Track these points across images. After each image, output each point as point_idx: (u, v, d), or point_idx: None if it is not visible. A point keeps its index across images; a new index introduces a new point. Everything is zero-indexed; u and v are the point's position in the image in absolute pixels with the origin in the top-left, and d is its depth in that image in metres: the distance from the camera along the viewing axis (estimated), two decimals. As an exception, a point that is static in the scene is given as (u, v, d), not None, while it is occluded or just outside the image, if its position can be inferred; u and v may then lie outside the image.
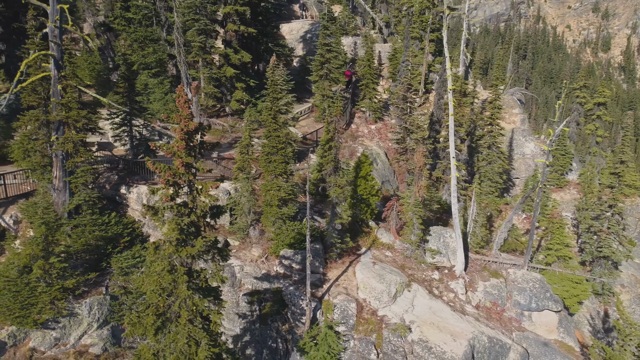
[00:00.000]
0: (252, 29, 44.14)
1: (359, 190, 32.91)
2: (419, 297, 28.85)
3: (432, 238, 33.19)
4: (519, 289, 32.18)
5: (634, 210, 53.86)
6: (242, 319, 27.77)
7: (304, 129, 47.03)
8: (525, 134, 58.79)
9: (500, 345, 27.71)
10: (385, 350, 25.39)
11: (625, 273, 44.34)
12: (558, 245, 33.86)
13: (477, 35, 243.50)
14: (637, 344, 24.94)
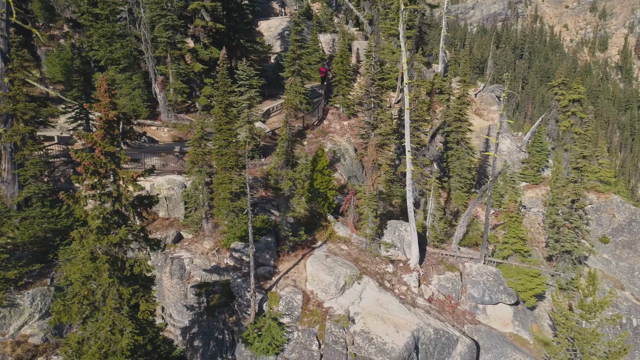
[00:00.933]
0: (221, 25, 44.33)
1: (316, 184, 33.01)
2: (368, 289, 28.95)
3: (387, 232, 33.31)
4: (473, 283, 32.29)
5: (607, 207, 53.85)
6: (190, 310, 27.92)
7: (274, 125, 47.25)
8: (501, 130, 58.80)
9: (446, 337, 27.79)
10: (326, 341, 25.51)
11: (593, 268, 44.34)
12: (513, 239, 33.91)
13: (474, 35, 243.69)
14: (570, 337, 25.00)
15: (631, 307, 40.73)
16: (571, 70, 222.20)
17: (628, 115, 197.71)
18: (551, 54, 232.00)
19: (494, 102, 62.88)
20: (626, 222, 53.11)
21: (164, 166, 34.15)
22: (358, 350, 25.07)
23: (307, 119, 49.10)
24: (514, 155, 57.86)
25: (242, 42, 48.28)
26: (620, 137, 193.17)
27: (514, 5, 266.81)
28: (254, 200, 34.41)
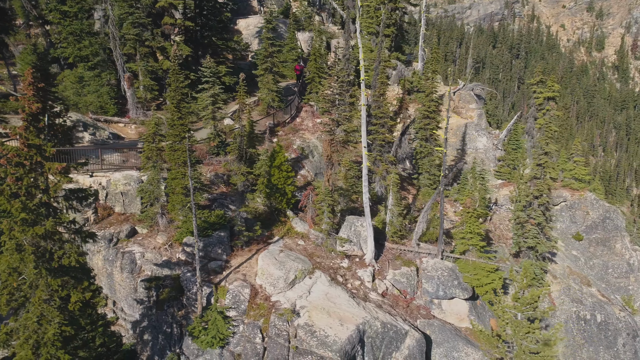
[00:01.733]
0: (190, 23, 44.59)
1: (274, 180, 33.21)
2: (319, 283, 29.13)
3: (344, 227, 33.50)
4: (427, 278, 32.47)
5: (582, 204, 53.95)
6: (140, 304, 28.14)
7: (246, 122, 47.25)
8: (478, 128, 59.02)
9: (394, 331, 27.95)
10: (270, 334, 25.70)
11: (561, 265, 44.55)
12: (470, 234, 34.03)
13: (471, 35, 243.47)
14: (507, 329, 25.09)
15: (596, 303, 40.90)
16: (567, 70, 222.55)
17: (624, 115, 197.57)
18: (548, 54, 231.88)
19: (473, 100, 63.00)
20: (600, 220, 53.23)
21: (124, 162, 34.36)
22: (300, 343, 25.25)
23: (279, 116, 49.28)
24: (490, 152, 58.00)
25: (214, 40, 48.43)
26: (616, 136, 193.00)
27: (511, 5, 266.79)
28: (213, 196, 34.65)
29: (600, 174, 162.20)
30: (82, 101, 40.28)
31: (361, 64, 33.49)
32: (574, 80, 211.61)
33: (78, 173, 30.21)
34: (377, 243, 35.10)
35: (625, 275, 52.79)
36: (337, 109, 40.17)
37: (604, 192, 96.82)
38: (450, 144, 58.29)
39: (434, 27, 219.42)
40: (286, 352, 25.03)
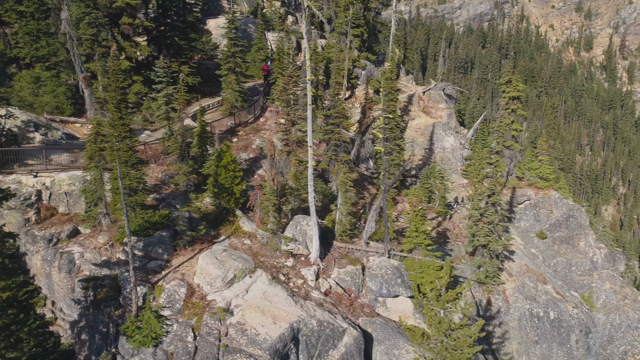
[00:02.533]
0: (148, 23, 44.68)
1: (220, 180, 33.34)
2: (259, 282, 29.28)
3: (290, 226, 33.67)
4: (371, 276, 32.67)
5: (545, 203, 54.27)
6: (77, 304, 28.23)
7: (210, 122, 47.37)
8: (445, 128, 59.25)
9: (331, 329, 28.12)
10: (201, 333, 25.84)
11: (518, 263, 44.81)
12: (415, 232, 34.17)
13: (460, 35, 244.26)
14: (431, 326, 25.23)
15: (549, 300, 41.18)
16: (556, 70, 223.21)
17: (611, 115, 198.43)
18: (536, 54, 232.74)
19: (442, 100, 63.25)
20: (564, 218, 53.59)
21: (72, 162, 34.43)
22: (230, 341, 25.39)
23: (242, 116, 49.44)
24: (457, 152, 58.23)
25: (177, 40, 48.51)
26: (603, 136, 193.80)
27: (501, 6, 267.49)
28: (162, 195, 34.78)
29: (587, 173, 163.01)
30: (37, 101, 40.32)
31: (307, 64, 33.58)
32: (562, 80, 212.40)
33: (22, 173, 30.35)
34: (325, 242, 35.31)
35: (589, 272, 53.17)
36: (292, 109, 40.42)
37: (586, 190, 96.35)
38: (418, 143, 58.69)
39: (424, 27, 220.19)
40: (216, 350, 25.16)
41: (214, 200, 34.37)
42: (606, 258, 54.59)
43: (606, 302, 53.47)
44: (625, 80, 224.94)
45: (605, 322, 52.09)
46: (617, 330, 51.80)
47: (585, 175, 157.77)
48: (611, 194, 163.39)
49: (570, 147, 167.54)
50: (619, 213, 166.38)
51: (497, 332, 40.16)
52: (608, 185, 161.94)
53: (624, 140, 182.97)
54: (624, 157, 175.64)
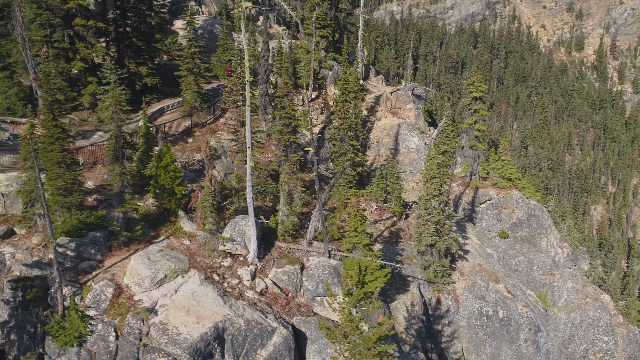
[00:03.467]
0: (102, 24, 44.86)
1: (160, 181, 33.50)
2: (190, 282, 29.43)
3: (228, 226, 33.84)
4: (308, 276, 32.83)
5: (507, 202, 54.45)
6: (6, 305, 28.34)
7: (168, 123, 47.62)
8: (410, 128, 59.45)
9: (259, 329, 28.29)
10: (123, 333, 25.99)
11: (472, 262, 44.97)
12: (354, 232, 34.23)
13: (452, 35, 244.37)
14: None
15: (499, 299, 41.38)
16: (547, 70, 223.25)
17: (601, 114, 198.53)
18: (527, 54, 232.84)
19: (410, 101, 63.47)
20: (525, 218, 53.84)
21: (14, 163, 34.55)
22: (150, 341, 25.55)
23: (202, 117, 49.67)
24: (422, 152, 58.43)
25: (135, 42, 48.69)
26: (593, 135, 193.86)
27: (492, 6, 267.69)
28: (104, 196, 34.93)
29: (576, 172, 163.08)
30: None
31: (246, 66, 33.69)
32: (553, 80, 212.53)
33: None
34: (267, 242, 35.51)
35: (550, 272, 53.42)
36: (239, 110, 40.61)
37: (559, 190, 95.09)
38: (384, 143, 58.94)
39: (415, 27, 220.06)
40: (136, 350, 25.31)
41: (156, 200, 34.51)
42: (568, 257, 54.83)
43: (568, 301, 53.75)
44: (616, 80, 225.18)
45: (566, 321, 52.38)
46: (578, 328, 52.09)
47: (574, 175, 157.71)
48: (600, 194, 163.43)
49: (559, 147, 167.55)
50: (608, 212, 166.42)
51: (446, 331, 40.34)
52: (597, 185, 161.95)
53: (613, 140, 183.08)
54: (613, 156, 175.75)
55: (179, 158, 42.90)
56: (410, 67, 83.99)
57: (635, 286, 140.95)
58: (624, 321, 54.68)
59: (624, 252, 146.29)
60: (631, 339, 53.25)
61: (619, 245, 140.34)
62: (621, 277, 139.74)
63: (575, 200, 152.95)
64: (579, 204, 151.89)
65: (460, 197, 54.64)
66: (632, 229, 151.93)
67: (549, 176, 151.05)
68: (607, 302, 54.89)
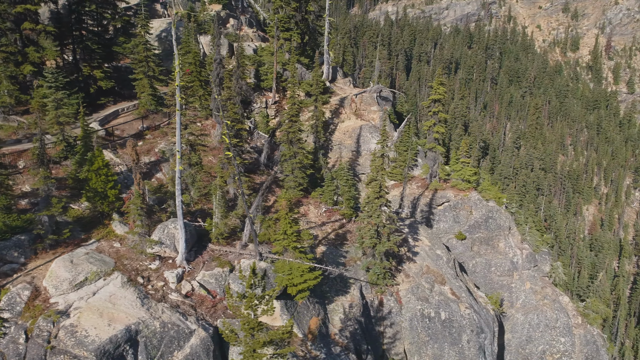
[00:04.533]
0: (51, 28, 45.21)
1: (92, 184, 33.81)
2: (111, 285, 29.72)
3: (157, 229, 34.10)
4: (234, 278, 33.05)
5: (465, 204, 54.60)
6: None
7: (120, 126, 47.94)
8: (372, 130, 59.61)
9: (175, 331, 28.59)
10: (33, 335, 26.28)
11: (420, 264, 45.10)
12: (283, 235, 34.41)
13: (447, 36, 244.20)
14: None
15: (442, 301, 41.51)
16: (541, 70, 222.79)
17: (595, 115, 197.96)
18: (522, 54, 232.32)
19: (374, 103, 63.63)
20: (483, 219, 54.04)
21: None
22: (58, 343, 25.85)
23: (157, 119, 49.95)
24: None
25: (90, 45, 49.07)
26: (587, 136, 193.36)
27: (488, 6, 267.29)
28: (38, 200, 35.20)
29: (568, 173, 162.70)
30: None
31: (176, 70, 33.94)
32: (547, 81, 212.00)
33: None
34: (200, 245, 35.77)
35: (508, 273, 53.58)
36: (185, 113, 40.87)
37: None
38: (346, 145, 59.17)
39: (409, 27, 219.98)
40: (43, 352, 25.60)
41: (90, 204, 34.84)
42: (527, 258, 55.00)
43: (525, 302, 53.90)
44: (611, 81, 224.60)
45: (523, 322, 52.59)
46: (535, 329, 52.26)
47: (567, 176, 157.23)
48: (593, 194, 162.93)
49: (552, 148, 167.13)
50: (600, 213, 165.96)
51: (388, 333, 40.53)
52: (589, 185, 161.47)
53: (607, 140, 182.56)
54: (606, 156, 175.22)
55: (125, 161, 43.33)
56: (377, 69, 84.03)
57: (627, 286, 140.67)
58: (582, 322, 54.78)
59: (616, 253, 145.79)
60: (589, 339, 53.35)
61: (609, 245, 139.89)
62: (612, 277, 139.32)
63: (567, 200, 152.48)
64: (570, 205, 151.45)
65: (419, 199, 54.83)
66: (624, 229, 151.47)
67: (541, 177, 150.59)
68: (565, 304, 55.01)
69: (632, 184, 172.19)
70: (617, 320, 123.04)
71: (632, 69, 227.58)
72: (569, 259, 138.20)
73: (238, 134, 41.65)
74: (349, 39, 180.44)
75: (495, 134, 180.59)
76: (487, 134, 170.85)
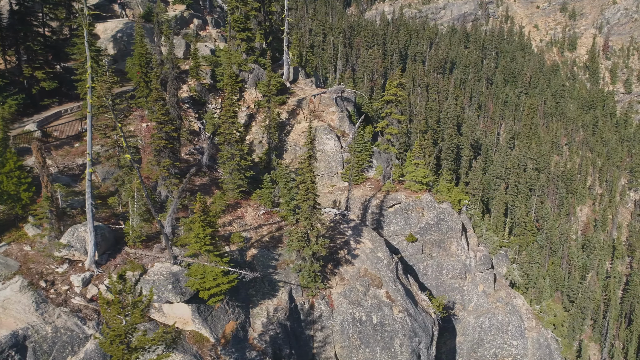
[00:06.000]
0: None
1: (3, 187, 33.43)
2: (9, 289, 29.38)
3: (67, 233, 33.64)
4: (144, 282, 32.59)
5: (417, 206, 53.86)
6: None
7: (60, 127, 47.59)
8: (327, 131, 59.02)
9: (69, 336, 28.21)
10: None
11: (358, 267, 44.41)
12: (194, 239, 33.80)
13: (443, 35, 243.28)
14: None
15: (374, 304, 40.89)
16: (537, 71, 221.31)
17: (591, 115, 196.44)
18: (519, 54, 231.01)
19: (333, 104, 63.03)
20: (434, 221, 53.36)
21: None
22: None
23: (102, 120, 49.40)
24: (337, 155, 57.98)
25: (32, 46, 48.84)
26: (583, 136, 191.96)
27: (485, 6, 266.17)
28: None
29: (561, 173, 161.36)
30: None
31: (88, 72, 33.51)
32: (543, 81, 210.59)
33: None
34: (116, 248, 35.28)
35: (461, 275, 52.90)
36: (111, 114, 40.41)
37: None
38: (301, 146, 58.55)
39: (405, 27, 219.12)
40: None
41: (4, 206, 34.47)
42: (481, 261, 54.26)
43: (478, 305, 53.17)
44: (608, 81, 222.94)
45: (475, 325, 51.88)
46: (487, 332, 51.55)
47: (560, 176, 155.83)
48: (587, 194, 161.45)
49: (546, 148, 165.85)
50: (594, 213, 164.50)
51: (318, 337, 39.92)
52: (583, 186, 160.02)
53: (602, 141, 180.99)
54: (602, 157, 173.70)
55: (58, 162, 43.02)
56: (340, 70, 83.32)
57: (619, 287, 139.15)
58: (536, 325, 53.96)
59: (609, 253, 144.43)
60: (541, 343, 52.56)
61: (601, 246, 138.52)
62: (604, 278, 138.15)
63: (560, 201, 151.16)
64: (563, 205, 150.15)
65: (370, 200, 54.19)
66: (618, 230, 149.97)
67: (533, 177, 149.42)
68: (519, 306, 54.23)
69: (627, 184, 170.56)
70: (607, 321, 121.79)
71: (630, 68, 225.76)
72: (560, 259, 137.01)
73: (168, 135, 41.07)
74: (343, 38, 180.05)
75: (489, 134, 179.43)
76: (479, 134, 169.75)
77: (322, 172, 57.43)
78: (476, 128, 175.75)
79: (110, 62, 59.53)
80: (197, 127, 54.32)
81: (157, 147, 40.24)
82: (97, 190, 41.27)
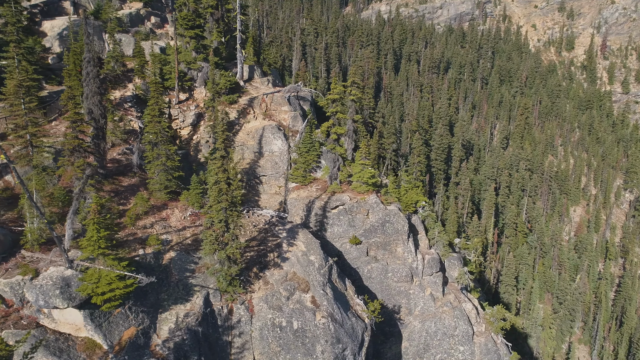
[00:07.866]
0: None
1: None
2: None
3: (-44, 234, 32.35)
4: (30, 287, 31.22)
5: (361, 207, 52.28)
6: None
7: None
8: (274, 131, 57.54)
9: None
10: None
11: (286, 270, 42.92)
12: (86, 241, 32.31)
13: (440, 35, 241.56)
14: None
15: (296, 310, 39.40)
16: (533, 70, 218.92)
17: (587, 115, 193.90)
18: (515, 54, 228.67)
19: (286, 103, 61.58)
20: (379, 223, 51.88)
21: None
22: None
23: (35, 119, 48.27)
24: (285, 155, 56.47)
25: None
26: (579, 136, 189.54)
27: (483, 5, 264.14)
28: None
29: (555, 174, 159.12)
30: None
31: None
32: (538, 81, 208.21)
33: None
34: (12, 251, 34.00)
35: (406, 279, 51.38)
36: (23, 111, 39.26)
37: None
38: (248, 146, 57.24)
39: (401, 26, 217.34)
40: None
41: None
42: (430, 264, 52.67)
43: (424, 309, 51.65)
44: (605, 81, 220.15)
45: (420, 330, 50.34)
46: (433, 338, 50.03)
47: (554, 176, 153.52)
48: (580, 195, 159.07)
49: (540, 148, 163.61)
50: (588, 214, 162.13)
51: (236, 342, 38.45)
52: (577, 187, 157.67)
53: (598, 141, 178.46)
54: (597, 157, 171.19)
55: (-25, 163, 41.78)
56: (295, 69, 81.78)
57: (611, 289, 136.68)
58: (486, 330, 52.25)
59: (601, 255, 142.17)
60: (489, 348, 50.87)
61: (593, 247, 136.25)
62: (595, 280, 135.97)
63: (553, 201, 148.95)
64: (556, 206, 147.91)
65: (314, 202, 52.64)
66: (611, 231, 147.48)
67: (526, 177, 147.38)
68: (469, 311, 52.54)
69: (622, 185, 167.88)
70: (596, 323, 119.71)
71: (628, 68, 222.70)
72: (551, 260, 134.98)
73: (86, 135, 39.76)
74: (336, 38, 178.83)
75: (482, 134, 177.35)
76: (472, 135, 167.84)
77: (269, 173, 55.99)
78: (469, 128, 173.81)
79: (55, 60, 58.61)
80: (137, 126, 52.97)
81: (70, 146, 38.87)
82: (12, 192, 40.00)
